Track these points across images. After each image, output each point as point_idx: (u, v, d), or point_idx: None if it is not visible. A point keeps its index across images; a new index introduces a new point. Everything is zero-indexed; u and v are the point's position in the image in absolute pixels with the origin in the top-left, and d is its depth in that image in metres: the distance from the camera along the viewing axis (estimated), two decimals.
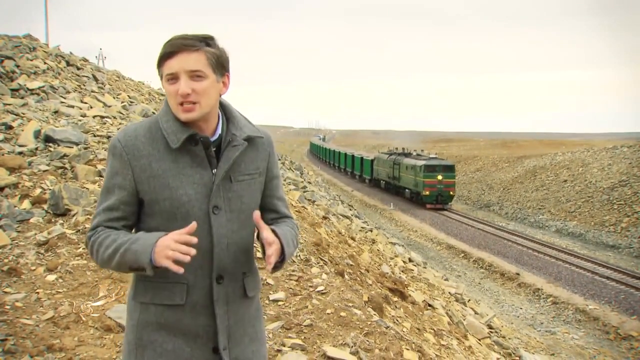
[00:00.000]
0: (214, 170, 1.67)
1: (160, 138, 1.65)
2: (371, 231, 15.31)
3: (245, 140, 1.71)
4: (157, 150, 1.65)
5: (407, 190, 36.15)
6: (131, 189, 1.66)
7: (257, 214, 1.65)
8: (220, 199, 1.68)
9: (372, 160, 44.96)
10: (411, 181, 34.99)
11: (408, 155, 39.05)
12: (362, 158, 48.72)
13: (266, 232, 1.64)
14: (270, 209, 1.85)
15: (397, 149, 44.81)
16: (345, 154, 56.36)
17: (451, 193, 33.52)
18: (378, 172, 43.02)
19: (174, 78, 1.61)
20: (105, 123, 9.73)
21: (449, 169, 33.43)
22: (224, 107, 1.75)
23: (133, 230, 1.74)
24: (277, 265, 1.70)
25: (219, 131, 1.71)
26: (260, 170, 1.77)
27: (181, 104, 1.61)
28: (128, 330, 1.72)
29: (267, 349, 2.77)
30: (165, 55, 1.60)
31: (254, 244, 1.84)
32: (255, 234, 1.79)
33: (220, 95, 1.71)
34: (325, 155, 70.46)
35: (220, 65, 1.67)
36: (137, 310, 1.69)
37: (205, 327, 1.68)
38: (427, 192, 33.04)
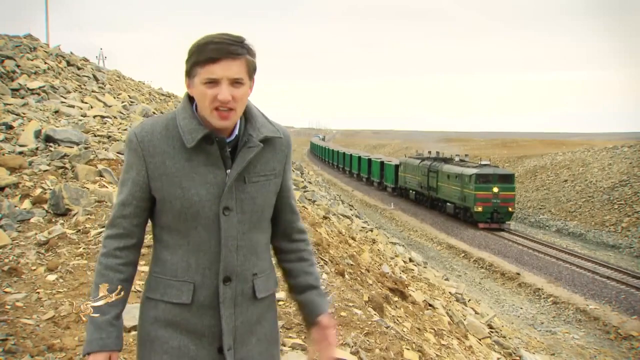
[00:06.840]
0: (228, 171, 1.66)
1: (176, 136, 1.64)
2: (372, 231, 15.30)
3: (262, 141, 1.69)
4: (172, 147, 1.63)
5: (448, 204, 29.94)
6: (144, 185, 1.65)
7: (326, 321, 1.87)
8: (231, 200, 1.66)
9: (396, 166, 38.44)
10: (456, 193, 28.71)
11: (448, 160, 32.73)
12: (382, 162, 41.94)
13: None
14: (288, 210, 1.85)
15: (430, 152, 37.83)
16: (359, 157, 48.59)
17: (510, 209, 27.08)
18: (405, 180, 36.49)
19: (213, 82, 1.57)
20: (105, 123, 9.74)
21: (507, 179, 27.14)
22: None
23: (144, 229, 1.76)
24: None
25: (236, 131, 1.69)
26: (276, 171, 1.75)
27: (216, 108, 1.58)
28: (139, 326, 1.74)
29: None
30: (209, 60, 1.56)
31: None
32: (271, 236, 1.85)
33: None
34: (331, 158, 63.00)
35: (254, 70, 1.65)
36: (148, 307, 1.71)
37: (211, 327, 1.68)
38: (480, 208, 26.51)
